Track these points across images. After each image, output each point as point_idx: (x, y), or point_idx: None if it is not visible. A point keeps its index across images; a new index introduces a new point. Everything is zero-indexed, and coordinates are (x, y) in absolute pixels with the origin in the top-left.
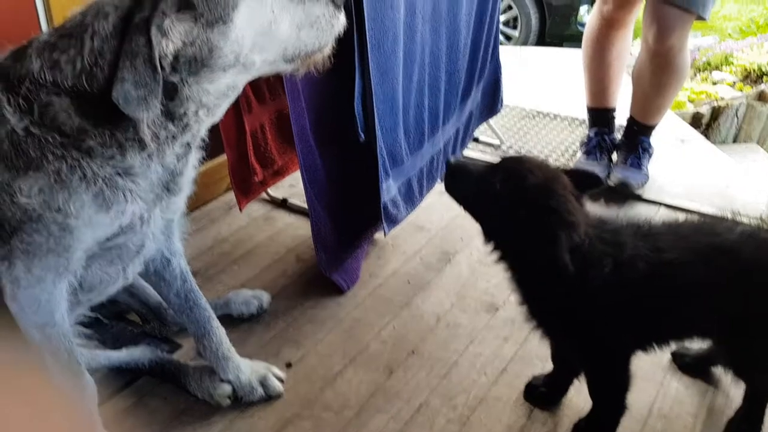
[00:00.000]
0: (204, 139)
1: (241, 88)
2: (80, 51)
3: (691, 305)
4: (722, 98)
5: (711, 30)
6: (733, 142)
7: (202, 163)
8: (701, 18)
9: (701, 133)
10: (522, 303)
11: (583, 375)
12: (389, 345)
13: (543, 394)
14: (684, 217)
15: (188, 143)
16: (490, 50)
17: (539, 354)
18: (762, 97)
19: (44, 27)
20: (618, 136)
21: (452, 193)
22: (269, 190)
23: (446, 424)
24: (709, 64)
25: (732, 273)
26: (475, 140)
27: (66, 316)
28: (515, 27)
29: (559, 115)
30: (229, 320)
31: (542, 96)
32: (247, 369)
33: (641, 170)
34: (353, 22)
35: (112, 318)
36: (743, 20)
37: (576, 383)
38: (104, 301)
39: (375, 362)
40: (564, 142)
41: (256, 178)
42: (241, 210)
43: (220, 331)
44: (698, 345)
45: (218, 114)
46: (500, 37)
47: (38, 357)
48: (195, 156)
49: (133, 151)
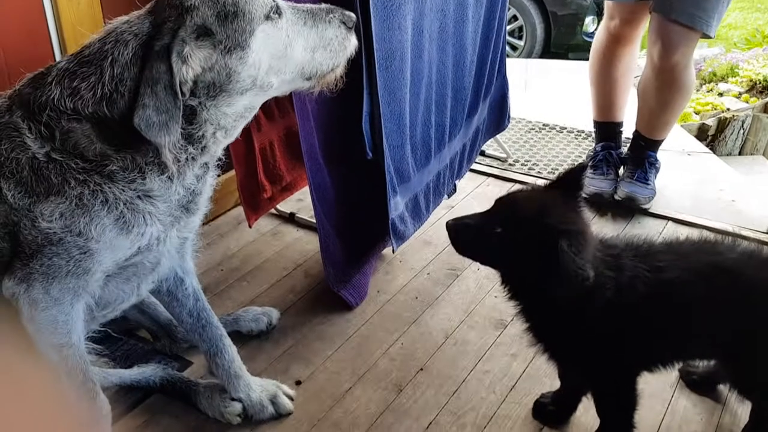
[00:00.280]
0: (221, 158)
1: (258, 109)
2: (100, 78)
3: (693, 325)
4: (728, 110)
5: (717, 39)
6: (739, 154)
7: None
8: (707, 36)
9: (707, 145)
10: (528, 330)
11: (591, 394)
12: (398, 362)
13: (552, 412)
14: (688, 234)
15: (206, 163)
16: (497, 67)
17: (548, 371)
18: None
19: (57, 53)
20: (625, 150)
21: (463, 253)
22: (277, 205)
23: None
24: (715, 75)
25: (733, 293)
26: (482, 154)
27: (82, 337)
28: (521, 37)
29: (566, 128)
30: (239, 337)
31: (548, 108)
32: (258, 387)
33: (648, 185)
34: (361, 43)
35: (123, 334)
36: (748, 29)
37: (584, 401)
38: (115, 317)
39: (384, 380)
40: (571, 155)
41: (265, 195)
42: (251, 226)
43: (232, 349)
44: (705, 363)
45: (235, 134)
46: (506, 48)
47: (38, 359)
48: (212, 174)
49: (153, 174)
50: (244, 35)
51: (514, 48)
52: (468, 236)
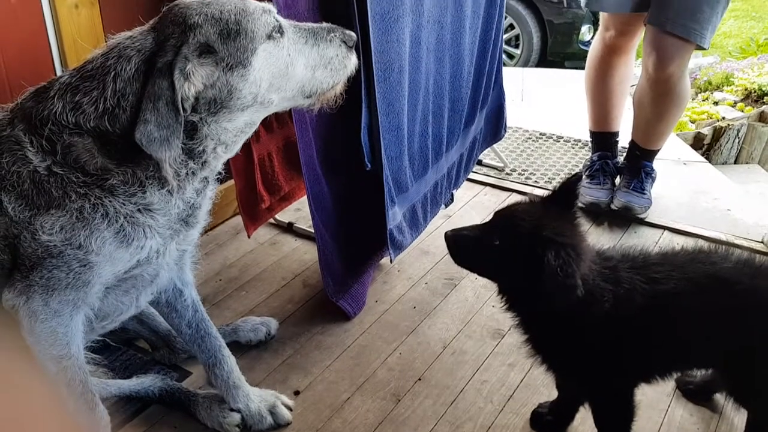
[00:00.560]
0: (220, 172)
1: (258, 125)
2: (103, 92)
3: (690, 336)
4: (724, 118)
5: (712, 48)
6: (735, 163)
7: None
8: (701, 47)
9: (703, 154)
10: (527, 342)
11: (589, 405)
12: (396, 372)
13: (549, 422)
14: (683, 244)
15: (206, 177)
16: (494, 78)
17: (545, 381)
18: (763, 118)
19: (58, 66)
20: (621, 160)
21: (461, 264)
22: (276, 215)
23: None
24: (710, 84)
25: (729, 302)
26: (479, 163)
27: (81, 348)
28: (517, 46)
29: (562, 137)
30: (237, 347)
31: (545, 118)
32: (257, 398)
33: (644, 194)
34: (360, 55)
35: (122, 344)
36: (743, 37)
37: (582, 411)
38: (114, 328)
39: (382, 390)
40: (567, 165)
41: (264, 205)
42: (249, 236)
43: (231, 360)
44: (702, 372)
45: (236, 149)
46: (503, 57)
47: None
48: (211, 188)
49: (153, 188)
50: (246, 53)
51: (511, 56)
52: (466, 248)
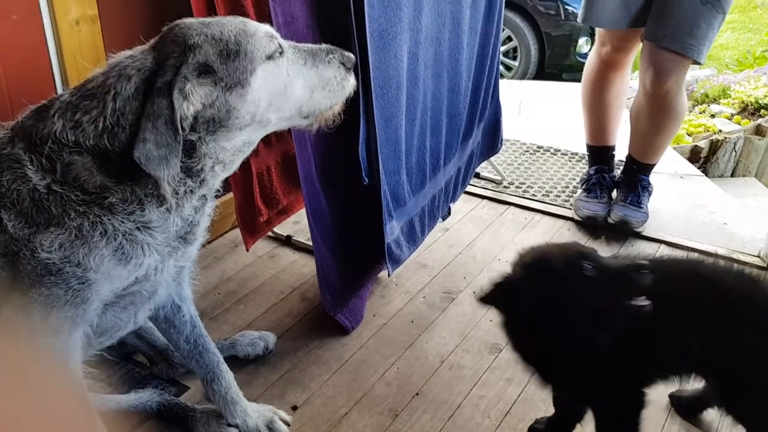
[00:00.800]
0: (219, 189)
1: (256, 143)
2: (102, 111)
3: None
4: (720, 131)
5: (709, 60)
6: (731, 176)
7: None
8: (697, 62)
9: (700, 167)
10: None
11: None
12: (394, 387)
13: None
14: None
15: (204, 195)
16: (491, 92)
17: (542, 396)
18: (759, 131)
19: (59, 84)
20: (618, 173)
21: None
22: (274, 228)
23: None
24: (707, 96)
25: (720, 309)
26: (476, 176)
27: (80, 364)
28: (515, 58)
29: (560, 150)
30: (235, 361)
31: (542, 131)
32: (254, 413)
33: (641, 208)
34: (359, 71)
35: (120, 359)
36: (740, 50)
37: (578, 427)
38: (112, 344)
39: (380, 405)
40: (564, 178)
41: (262, 218)
42: (248, 249)
43: (229, 375)
44: (693, 387)
45: (234, 168)
46: (500, 68)
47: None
48: (210, 205)
49: (152, 206)
50: (245, 74)
51: (509, 68)
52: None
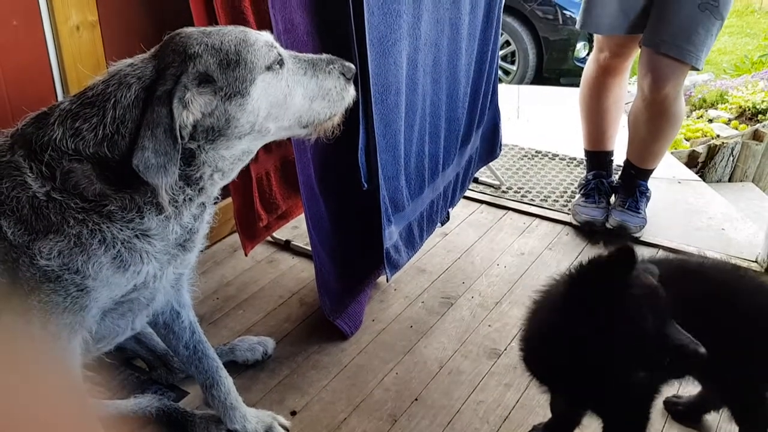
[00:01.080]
0: (217, 196)
1: (255, 152)
2: (102, 119)
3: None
4: (718, 136)
5: (706, 65)
6: (729, 181)
7: None
8: (695, 68)
9: (697, 172)
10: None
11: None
12: (392, 392)
13: None
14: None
15: (203, 203)
16: (489, 97)
17: (541, 401)
18: (757, 136)
19: (59, 91)
20: (616, 178)
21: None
22: (273, 233)
23: None
24: (705, 101)
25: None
26: (475, 181)
27: (79, 371)
28: (513, 62)
29: (558, 155)
30: (234, 366)
31: (540, 135)
32: (253, 418)
33: (639, 213)
34: (358, 78)
35: (120, 364)
36: (738, 54)
37: (577, 430)
38: (110, 350)
39: (379, 410)
40: (563, 183)
41: (261, 223)
42: (247, 254)
43: (228, 381)
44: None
45: (232, 176)
46: (499, 73)
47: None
48: (209, 213)
49: (151, 214)
50: (245, 83)
51: (507, 73)
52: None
